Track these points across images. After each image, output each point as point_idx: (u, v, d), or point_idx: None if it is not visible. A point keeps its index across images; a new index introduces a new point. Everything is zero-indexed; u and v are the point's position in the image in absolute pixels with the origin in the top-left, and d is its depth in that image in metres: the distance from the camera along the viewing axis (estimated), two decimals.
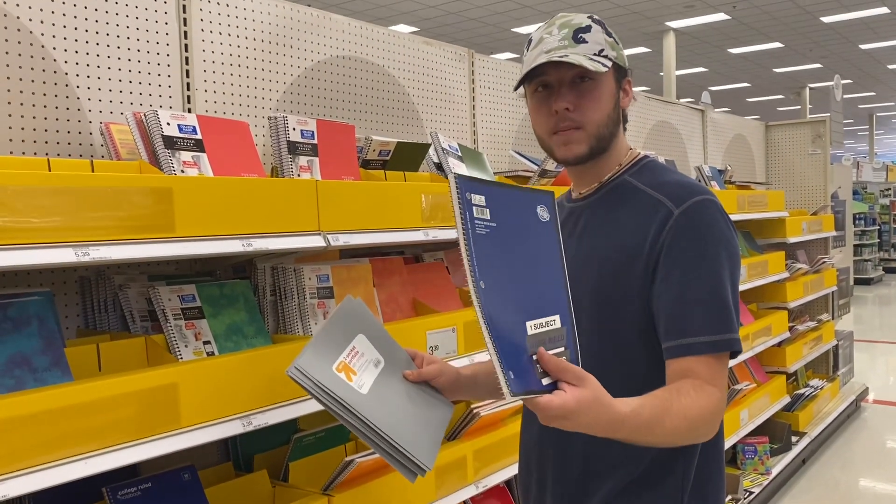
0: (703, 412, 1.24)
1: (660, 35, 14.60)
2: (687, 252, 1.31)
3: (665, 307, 1.32)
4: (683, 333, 1.29)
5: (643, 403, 1.18)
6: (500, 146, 3.32)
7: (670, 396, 1.22)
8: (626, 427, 1.14)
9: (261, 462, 2.07)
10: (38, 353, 1.51)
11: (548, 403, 1.06)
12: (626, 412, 1.13)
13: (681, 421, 1.21)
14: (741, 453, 4.40)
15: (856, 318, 10.94)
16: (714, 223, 1.34)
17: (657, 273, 1.33)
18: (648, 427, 1.17)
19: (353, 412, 1.27)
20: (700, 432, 1.27)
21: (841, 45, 15.89)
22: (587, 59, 1.36)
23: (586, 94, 1.39)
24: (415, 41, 2.89)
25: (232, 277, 2.07)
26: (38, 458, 1.32)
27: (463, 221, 1.07)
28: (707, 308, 1.29)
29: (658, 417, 1.18)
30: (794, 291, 4.99)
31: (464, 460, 2.22)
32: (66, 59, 1.84)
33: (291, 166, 2.01)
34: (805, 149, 6.07)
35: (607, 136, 1.43)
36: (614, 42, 1.43)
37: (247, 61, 2.26)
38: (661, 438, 1.21)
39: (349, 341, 1.43)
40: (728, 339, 1.29)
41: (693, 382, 1.26)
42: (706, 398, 1.25)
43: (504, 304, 1.08)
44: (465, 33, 14.15)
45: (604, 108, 1.41)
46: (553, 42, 1.39)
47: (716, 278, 1.30)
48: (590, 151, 1.42)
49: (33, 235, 1.34)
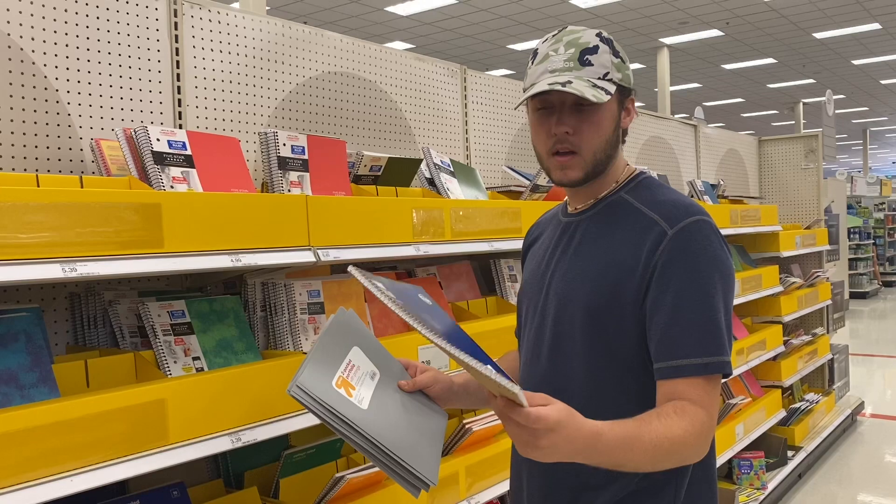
0: (685, 433, 1.22)
1: (654, 51, 14.70)
2: (680, 273, 1.31)
3: (657, 329, 1.31)
4: (674, 355, 1.29)
5: (616, 423, 1.19)
6: (493, 162, 3.33)
7: (649, 419, 1.22)
8: (602, 442, 1.15)
9: (251, 479, 2.06)
10: (25, 369, 1.51)
11: (536, 412, 1.08)
12: (599, 428, 1.15)
13: (661, 442, 1.20)
14: (737, 468, 4.38)
15: (852, 332, 10.95)
16: (708, 244, 1.33)
17: (649, 294, 1.33)
18: (626, 443, 1.17)
19: (357, 429, 1.26)
20: (682, 455, 1.26)
21: (834, 60, 16.01)
22: (590, 86, 1.34)
23: (586, 119, 1.38)
24: (407, 57, 2.91)
25: (222, 293, 2.07)
26: (24, 475, 1.31)
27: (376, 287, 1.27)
28: (698, 330, 1.29)
29: (636, 434, 1.18)
30: (789, 305, 4.99)
31: (456, 476, 2.21)
32: (57, 75, 1.85)
33: (282, 181, 2.01)
34: (798, 163, 6.10)
35: (604, 159, 1.42)
36: (621, 62, 1.41)
37: (238, 77, 2.27)
38: (641, 460, 1.20)
39: (345, 355, 1.42)
40: (718, 362, 1.29)
41: (676, 406, 1.26)
42: (688, 421, 1.24)
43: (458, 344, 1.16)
44: (461, 50, 14.23)
45: (603, 134, 1.40)
46: (558, 62, 1.37)
47: (707, 300, 1.30)
48: (585, 177, 1.42)
49: (21, 251, 1.34)
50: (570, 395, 1.39)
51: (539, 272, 1.53)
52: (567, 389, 1.40)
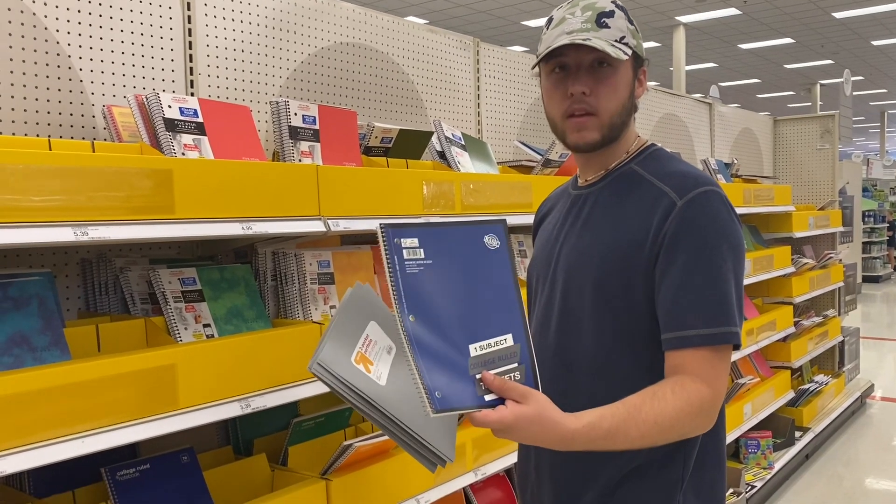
0: (679, 414, 1.23)
1: (670, 30, 14.53)
2: (688, 244, 1.30)
3: (665, 299, 1.31)
4: (681, 326, 1.28)
5: (603, 415, 1.20)
6: (505, 136, 3.31)
7: (642, 403, 1.23)
8: (579, 441, 1.18)
9: (260, 446, 2.08)
10: (37, 332, 1.52)
11: (483, 417, 1.12)
12: (575, 428, 1.17)
13: (650, 427, 1.21)
14: (744, 447, 4.39)
15: (864, 315, 10.91)
16: (717, 215, 1.32)
17: (659, 265, 1.32)
18: (608, 437, 1.19)
19: (376, 406, 1.25)
20: (679, 432, 1.26)
21: (852, 41, 15.78)
22: (609, 44, 1.34)
23: (604, 81, 1.37)
24: (419, 29, 2.88)
25: (233, 262, 2.08)
26: (36, 435, 1.33)
27: (389, 264, 1.17)
28: (706, 301, 1.28)
29: (621, 428, 1.20)
30: (800, 286, 4.96)
31: (463, 448, 2.22)
32: (70, 41, 1.85)
33: (293, 151, 2.01)
34: (813, 144, 6.04)
35: (619, 125, 1.41)
36: (635, 30, 1.41)
37: (250, 46, 2.26)
38: (631, 443, 1.22)
39: (362, 330, 1.41)
40: (726, 333, 1.27)
41: (675, 382, 1.26)
42: (685, 398, 1.24)
43: (439, 331, 1.16)
44: (475, 26, 14.12)
45: (620, 97, 1.39)
46: (575, 23, 1.36)
47: (716, 271, 1.29)
48: (602, 139, 1.41)
49: (33, 214, 1.35)
50: (579, 368, 1.40)
51: (549, 245, 1.52)
52: (576, 362, 1.40)
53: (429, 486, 2.09)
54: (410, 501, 2.02)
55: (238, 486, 1.92)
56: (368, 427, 2.23)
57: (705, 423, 1.29)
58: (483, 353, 1.18)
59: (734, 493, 3.88)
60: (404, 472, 2.02)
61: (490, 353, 1.18)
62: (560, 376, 1.41)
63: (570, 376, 1.40)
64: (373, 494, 1.93)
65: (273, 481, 1.96)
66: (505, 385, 1.15)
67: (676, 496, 1.37)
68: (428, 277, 1.19)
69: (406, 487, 2.02)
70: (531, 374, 1.22)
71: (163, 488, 1.72)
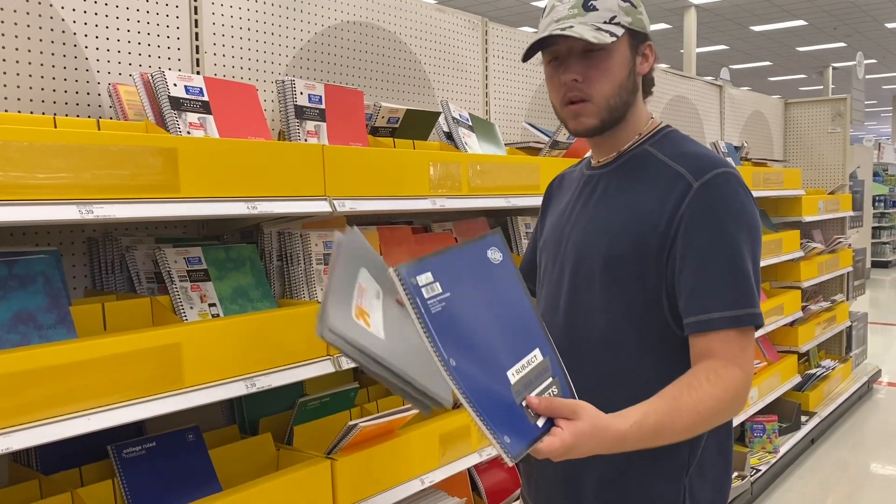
0: (718, 402, 1.22)
1: (681, 11, 14.37)
2: (706, 227, 1.29)
3: (686, 283, 1.30)
4: (704, 309, 1.27)
5: (647, 411, 1.17)
6: (513, 117, 3.29)
7: (680, 394, 1.21)
8: (630, 441, 1.15)
9: (266, 425, 2.09)
10: (43, 310, 1.52)
11: (548, 447, 1.08)
12: (625, 429, 1.14)
13: (693, 417, 1.20)
14: (749, 431, 4.39)
15: (872, 300, 10.86)
16: (734, 196, 1.31)
17: (676, 248, 1.31)
18: (656, 433, 1.17)
19: (383, 364, 1.23)
20: (719, 419, 1.25)
21: (866, 23, 15.59)
22: (593, 30, 1.32)
23: (595, 65, 1.36)
24: (427, 7, 2.86)
25: (239, 242, 2.07)
26: (42, 412, 1.34)
27: (415, 309, 1.09)
28: (727, 283, 1.27)
29: (666, 421, 1.18)
30: (809, 271, 4.94)
31: (467, 428, 2.22)
32: (75, 18, 1.84)
33: (298, 131, 2.00)
34: (824, 127, 5.99)
35: (620, 106, 1.39)
36: (630, 6, 1.38)
37: (256, 25, 2.24)
38: (677, 436, 1.20)
39: (356, 279, 1.39)
40: (750, 314, 1.27)
41: (709, 369, 1.24)
42: (721, 385, 1.22)
43: (480, 368, 1.10)
44: (485, 6, 14.01)
45: (615, 79, 1.37)
46: (563, 10, 1.35)
47: (736, 252, 1.28)
48: (601, 124, 1.39)
49: (38, 192, 1.34)
50: (588, 348, 1.39)
51: (560, 225, 1.51)
52: (586, 341, 1.39)
53: (434, 467, 2.10)
54: (415, 481, 2.03)
55: (243, 464, 1.93)
56: (373, 407, 2.24)
57: (740, 406, 1.28)
58: (521, 378, 1.14)
59: (739, 476, 3.89)
60: (409, 452, 2.02)
61: (527, 376, 1.15)
62: (568, 354, 1.40)
63: (579, 354, 1.40)
64: (377, 474, 1.94)
65: (278, 460, 1.97)
66: (552, 405, 1.11)
67: (682, 480, 1.37)
68: (453, 312, 1.13)
69: (411, 467, 2.03)
70: (566, 384, 1.20)
71: (168, 466, 1.73)
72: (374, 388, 2.41)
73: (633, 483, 1.38)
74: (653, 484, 1.37)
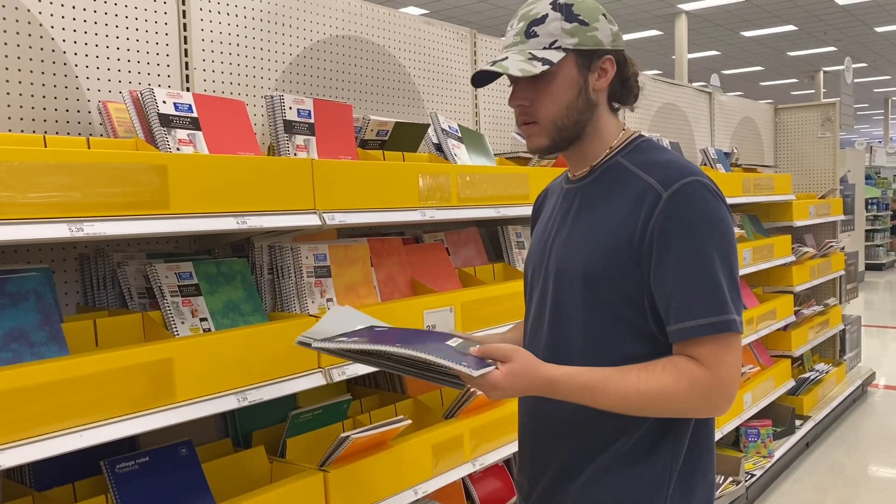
0: (664, 387, 1.28)
1: (671, 17, 14.46)
2: (677, 236, 1.31)
3: (662, 294, 1.32)
4: (680, 318, 1.30)
5: (586, 370, 1.31)
6: (502, 128, 3.31)
7: (628, 370, 1.31)
8: (560, 388, 1.30)
9: (259, 438, 2.10)
10: (35, 327, 1.54)
11: (491, 377, 1.25)
12: (556, 375, 1.30)
13: (630, 392, 1.29)
14: (744, 436, 4.40)
15: (866, 303, 10.90)
16: (704, 204, 1.32)
17: (652, 260, 1.33)
18: (585, 389, 1.29)
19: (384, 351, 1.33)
20: (667, 407, 1.31)
21: (856, 27, 15.69)
22: (524, 60, 1.36)
23: (541, 89, 1.41)
24: (416, 21, 2.88)
25: (230, 256, 2.09)
26: (34, 429, 1.35)
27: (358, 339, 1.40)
28: (700, 291, 1.29)
29: (600, 384, 1.29)
30: (801, 275, 4.96)
31: (461, 438, 2.24)
32: (65, 37, 1.85)
33: (288, 145, 2.02)
34: (814, 132, 6.02)
35: (570, 126, 1.42)
36: (577, 26, 1.39)
37: (245, 41, 2.26)
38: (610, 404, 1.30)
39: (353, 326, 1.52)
40: (724, 321, 1.29)
41: (668, 361, 1.31)
42: (675, 374, 1.29)
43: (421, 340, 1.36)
44: (476, 16, 14.06)
45: (559, 101, 1.40)
46: (509, 38, 1.44)
47: (708, 261, 1.30)
48: (552, 143, 1.44)
49: (29, 211, 1.36)
50: (572, 361, 1.41)
51: (543, 239, 1.54)
52: (568, 355, 1.41)
53: (427, 477, 2.11)
54: (408, 492, 2.04)
55: (236, 478, 1.93)
56: (366, 419, 2.25)
57: (704, 405, 1.31)
58: (457, 345, 1.32)
59: (733, 481, 3.90)
60: (402, 463, 2.03)
61: (462, 344, 1.33)
62: None
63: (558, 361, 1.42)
64: (371, 486, 1.95)
65: (271, 473, 1.98)
66: (489, 350, 1.28)
67: (664, 487, 1.38)
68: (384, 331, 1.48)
69: (404, 478, 2.04)
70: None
71: (162, 481, 1.74)
72: (367, 399, 2.43)
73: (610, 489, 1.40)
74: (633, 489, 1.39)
